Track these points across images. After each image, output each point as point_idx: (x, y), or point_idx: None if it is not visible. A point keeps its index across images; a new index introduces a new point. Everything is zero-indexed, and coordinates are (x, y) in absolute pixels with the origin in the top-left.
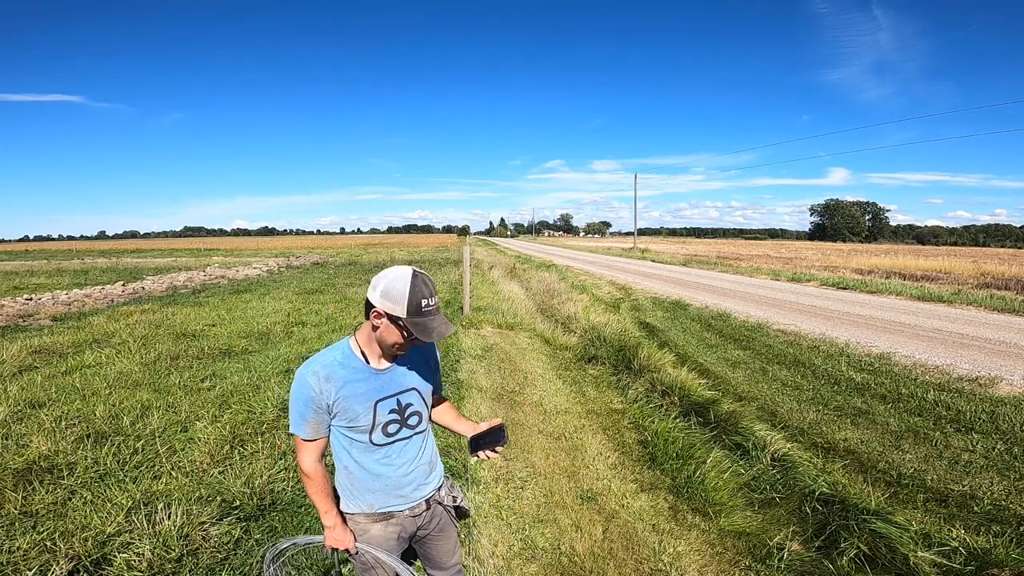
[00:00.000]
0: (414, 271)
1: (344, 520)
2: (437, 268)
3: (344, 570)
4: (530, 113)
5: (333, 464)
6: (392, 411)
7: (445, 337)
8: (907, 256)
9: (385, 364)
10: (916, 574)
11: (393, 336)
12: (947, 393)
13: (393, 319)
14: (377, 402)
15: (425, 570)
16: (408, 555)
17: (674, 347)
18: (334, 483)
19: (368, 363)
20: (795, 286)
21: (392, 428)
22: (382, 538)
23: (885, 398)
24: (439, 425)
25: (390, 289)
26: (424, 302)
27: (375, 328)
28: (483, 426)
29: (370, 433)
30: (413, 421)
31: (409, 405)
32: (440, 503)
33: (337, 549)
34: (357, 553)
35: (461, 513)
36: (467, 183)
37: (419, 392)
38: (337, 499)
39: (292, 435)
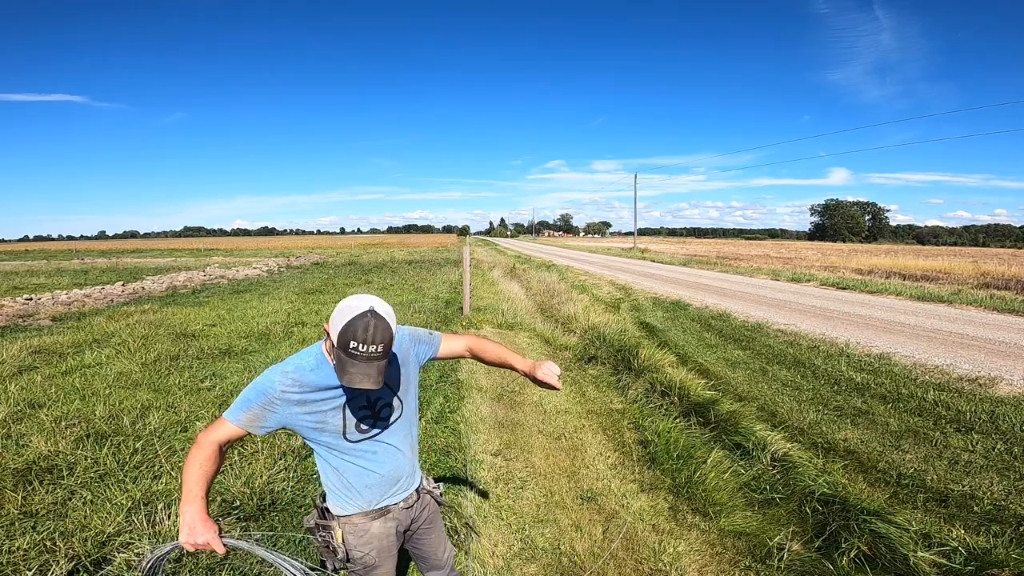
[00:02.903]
0: (370, 311)
1: (208, 514)
2: (437, 268)
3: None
4: (530, 113)
5: (318, 470)
6: (362, 407)
7: (355, 387)
8: (907, 256)
9: None
10: (916, 574)
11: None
12: (947, 393)
13: (330, 339)
14: (346, 403)
15: (422, 572)
16: (401, 563)
17: (674, 347)
18: (322, 486)
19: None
20: (795, 286)
21: (365, 424)
22: (383, 534)
23: (885, 398)
24: (493, 365)
25: (338, 312)
26: (353, 344)
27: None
28: (538, 372)
29: (343, 432)
30: (385, 413)
31: (379, 399)
32: (429, 492)
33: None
34: (227, 550)
35: (440, 503)
36: (467, 183)
37: (387, 385)
38: (321, 511)
39: (222, 416)
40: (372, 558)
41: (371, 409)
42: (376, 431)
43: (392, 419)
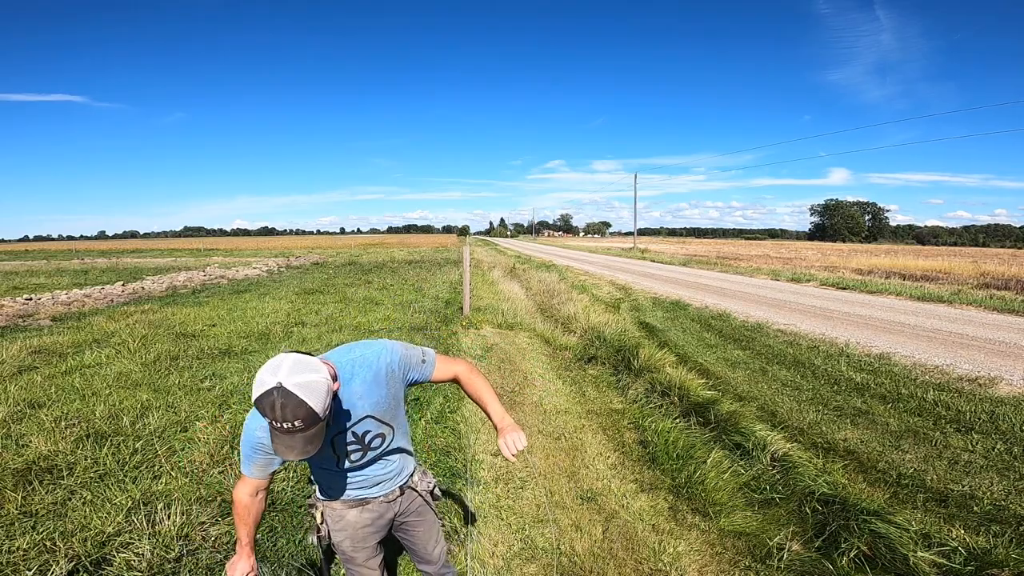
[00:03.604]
0: (276, 389)
1: (252, 552)
2: (437, 268)
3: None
4: (530, 113)
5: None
6: (351, 443)
7: (285, 458)
8: (907, 256)
9: None
10: (916, 574)
11: None
12: (947, 393)
13: None
14: (332, 439)
15: (415, 566)
16: (392, 557)
17: (674, 347)
18: (311, 476)
19: None
20: (795, 286)
21: (355, 456)
22: (358, 524)
23: (885, 398)
24: (471, 399)
25: (254, 382)
26: (268, 419)
27: None
28: (502, 437)
29: (336, 464)
30: (376, 443)
31: (367, 432)
32: (414, 489)
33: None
34: None
35: (435, 498)
36: (467, 183)
37: (373, 417)
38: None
39: (241, 473)
40: (347, 546)
41: (360, 443)
42: (368, 459)
43: (383, 445)
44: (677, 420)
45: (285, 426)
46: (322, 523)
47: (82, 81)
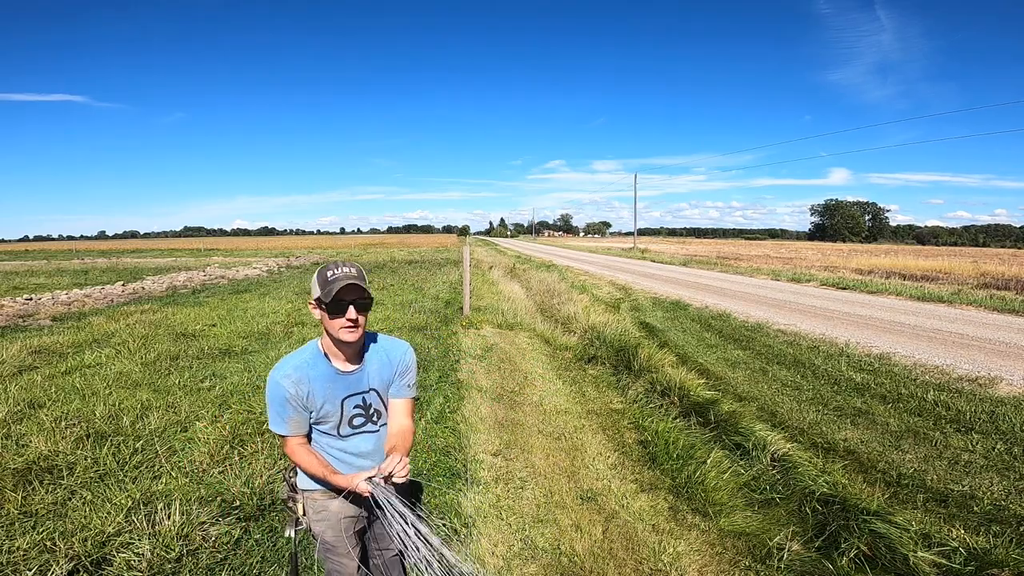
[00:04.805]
0: (334, 262)
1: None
2: (437, 268)
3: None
4: (530, 113)
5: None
6: (357, 407)
7: (342, 285)
8: (907, 256)
9: (348, 367)
10: (916, 574)
11: (325, 320)
12: (947, 393)
13: (316, 302)
14: (344, 399)
15: (368, 548)
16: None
17: (674, 347)
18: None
19: (332, 364)
20: (795, 286)
21: (357, 421)
22: (341, 514)
23: (885, 398)
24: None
25: (312, 281)
26: (330, 272)
27: (323, 324)
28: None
29: (338, 427)
30: (376, 417)
31: (371, 404)
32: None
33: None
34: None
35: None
36: (467, 183)
37: (378, 393)
38: (291, 485)
39: (275, 434)
40: (329, 536)
41: (365, 411)
42: (364, 431)
43: (381, 424)
44: (677, 420)
45: (344, 271)
46: (303, 515)
47: (83, 81)
